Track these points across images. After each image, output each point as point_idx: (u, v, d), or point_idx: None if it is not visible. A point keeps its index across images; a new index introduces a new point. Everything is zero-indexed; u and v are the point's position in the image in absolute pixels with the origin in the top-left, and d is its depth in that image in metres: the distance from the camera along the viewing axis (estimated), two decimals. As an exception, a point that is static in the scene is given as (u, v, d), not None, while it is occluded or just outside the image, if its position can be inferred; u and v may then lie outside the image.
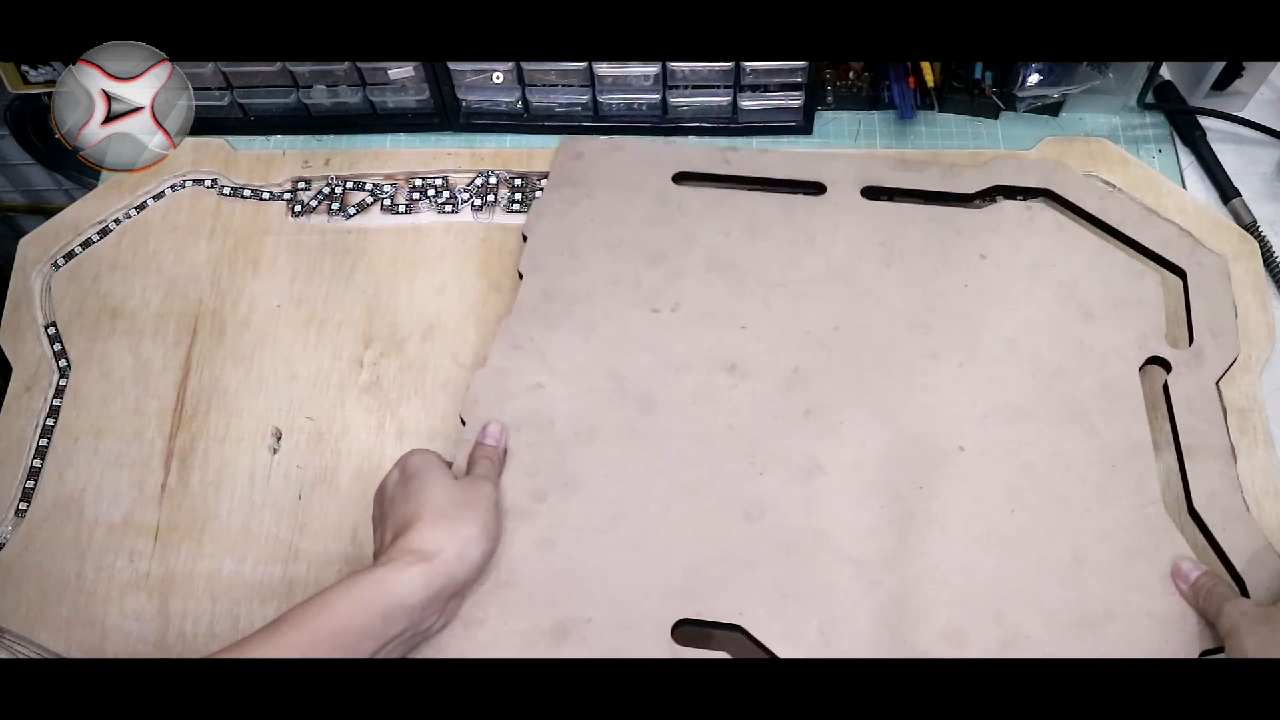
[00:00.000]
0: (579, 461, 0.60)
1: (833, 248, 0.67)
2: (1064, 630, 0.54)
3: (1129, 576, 0.55)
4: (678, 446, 0.60)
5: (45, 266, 0.72)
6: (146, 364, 0.68)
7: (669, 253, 0.67)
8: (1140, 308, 0.64)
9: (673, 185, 0.71)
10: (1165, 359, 0.62)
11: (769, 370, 0.62)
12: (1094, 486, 0.58)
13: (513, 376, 0.63)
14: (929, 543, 0.57)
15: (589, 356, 0.63)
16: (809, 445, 0.60)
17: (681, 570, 0.56)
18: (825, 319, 0.64)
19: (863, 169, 0.70)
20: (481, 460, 0.58)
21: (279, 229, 0.73)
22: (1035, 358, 0.62)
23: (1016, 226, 0.68)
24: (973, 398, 0.61)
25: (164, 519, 0.63)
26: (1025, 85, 0.73)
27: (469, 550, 0.52)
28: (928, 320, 0.64)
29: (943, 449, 0.60)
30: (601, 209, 0.69)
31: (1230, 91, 0.75)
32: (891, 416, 0.61)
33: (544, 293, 0.66)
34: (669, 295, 0.65)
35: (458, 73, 0.73)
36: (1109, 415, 0.60)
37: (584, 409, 0.61)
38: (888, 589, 0.55)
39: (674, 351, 0.63)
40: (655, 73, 0.73)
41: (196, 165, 0.75)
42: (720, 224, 0.68)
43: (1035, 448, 0.59)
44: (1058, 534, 0.57)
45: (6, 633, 0.60)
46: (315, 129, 0.77)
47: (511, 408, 0.62)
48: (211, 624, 0.60)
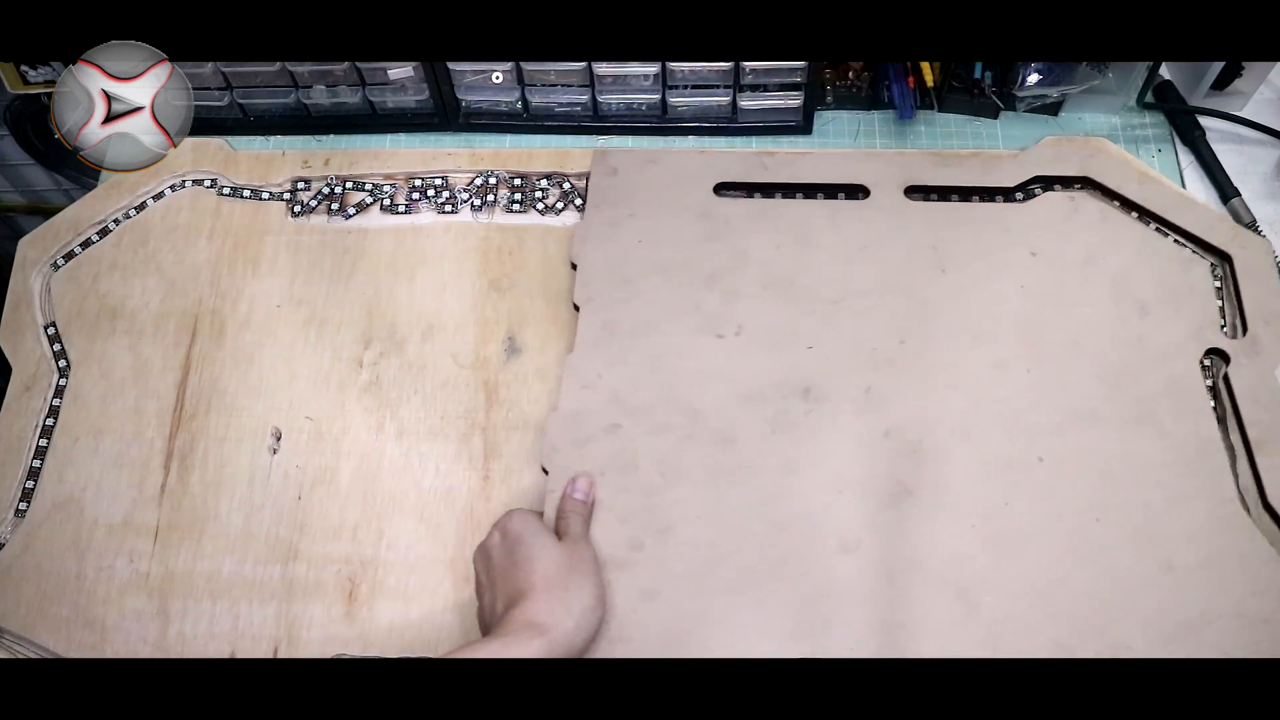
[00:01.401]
0: (669, 505, 0.59)
1: (885, 256, 0.67)
2: (1164, 638, 0.55)
3: (1217, 579, 0.56)
4: (764, 481, 0.60)
5: (45, 266, 0.72)
6: (146, 364, 0.68)
7: (723, 273, 0.67)
8: (1193, 297, 0.65)
9: (714, 197, 0.70)
10: (1223, 350, 0.63)
11: (842, 392, 0.62)
12: (1172, 489, 0.59)
13: (587, 419, 0.62)
14: (1024, 560, 0.57)
15: (659, 391, 0.63)
16: (893, 469, 0.60)
17: (787, 610, 0.56)
18: (889, 334, 0.64)
19: (902, 168, 0.70)
20: (572, 516, 0.58)
21: (279, 229, 0.73)
22: (1099, 360, 0.63)
23: (1062, 220, 0.68)
24: (1044, 406, 0.62)
25: (164, 519, 0.63)
26: (1025, 85, 0.73)
27: (586, 620, 0.52)
28: (990, 328, 0.64)
29: (1022, 462, 0.60)
30: (647, 230, 0.69)
31: (1230, 91, 0.75)
32: (968, 433, 0.61)
33: (604, 325, 0.65)
34: (730, 319, 0.65)
35: (457, 73, 0.73)
36: (1177, 415, 0.61)
37: (665, 449, 0.61)
38: (990, 610, 0.56)
39: (744, 379, 0.63)
40: (655, 73, 0.73)
41: (196, 165, 0.75)
42: (769, 238, 0.68)
43: (1110, 454, 0.60)
44: (1144, 541, 0.57)
45: (6, 633, 0.60)
46: (315, 129, 0.77)
47: (592, 452, 0.61)
48: (211, 624, 0.60)
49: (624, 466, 0.60)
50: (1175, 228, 0.68)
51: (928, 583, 0.57)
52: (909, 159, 0.71)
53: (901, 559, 0.57)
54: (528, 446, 0.65)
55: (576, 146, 0.76)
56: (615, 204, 0.70)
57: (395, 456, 0.65)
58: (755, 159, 0.72)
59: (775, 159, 0.71)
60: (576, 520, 0.58)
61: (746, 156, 0.72)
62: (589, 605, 0.53)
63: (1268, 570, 0.56)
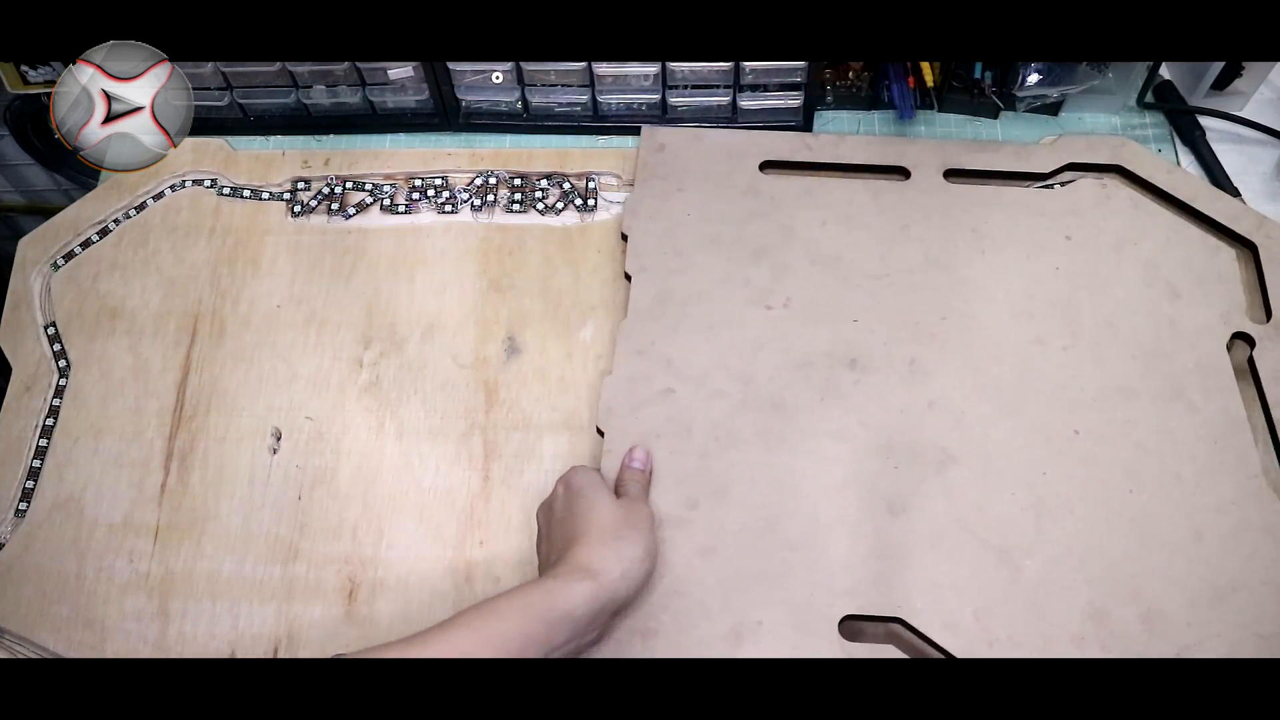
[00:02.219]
0: (724, 467, 0.61)
1: (926, 235, 0.69)
2: (1195, 603, 0.57)
3: (1244, 548, 0.59)
4: (815, 446, 0.62)
5: (45, 266, 0.72)
6: (146, 364, 0.68)
7: (771, 247, 0.69)
8: (1221, 283, 0.67)
9: (760, 175, 0.72)
10: (1249, 334, 0.66)
11: (888, 363, 0.65)
12: (1202, 463, 0.61)
13: (642, 383, 0.64)
14: (1062, 526, 0.60)
15: (712, 358, 0.65)
16: (938, 437, 0.62)
17: (840, 568, 0.58)
18: (932, 309, 0.67)
19: (939, 152, 0.72)
20: (631, 483, 0.60)
21: (279, 229, 0.73)
22: (1132, 339, 0.65)
23: (1094, 206, 0.70)
24: (1081, 382, 0.64)
25: (164, 519, 0.63)
26: (1025, 85, 0.73)
27: (633, 570, 0.54)
28: (1028, 307, 0.67)
29: (1060, 434, 0.62)
30: (696, 204, 0.71)
31: (1230, 91, 0.75)
32: (1008, 405, 0.63)
33: (656, 295, 0.67)
34: (779, 291, 0.67)
35: (457, 73, 0.73)
36: (1207, 393, 0.64)
37: (718, 413, 0.63)
38: (1031, 573, 0.58)
39: (794, 348, 0.65)
40: (655, 73, 0.73)
41: (196, 165, 0.75)
42: (815, 215, 0.70)
43: (1144, 428, 0.63)
44: (1176, 511, 0.60)
45: (6, 633, 0.60)
46: (315, 129, 0.77)
47: (646, 415, 0.63)
48: (211, 624, 0.60)
49: (679, 431, 0.62)
50: (1202, 217, 0.70)
51: (972, 545, 0.59)
52: (947, 145, 0.73)
53: (948, 522, 0.60)
54: (528, 446, 0.65)
55: (576, 146, 0.76)
56: (664, 178, 0.72)
57: (395, 456, 0.65)
58: (799, 140, 0.74)
59: (819, 140, 0.74)
60: (635, 486, 0.59)
61: (790, 137, 0.74)
62: (638, 556, 0.54)
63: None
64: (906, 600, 0.57)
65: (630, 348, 0.65)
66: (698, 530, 0.60)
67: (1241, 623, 0.56)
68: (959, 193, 0.71)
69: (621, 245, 0.70)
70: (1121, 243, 0.69)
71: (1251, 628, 0.56)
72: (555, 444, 0.65)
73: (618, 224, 0.72)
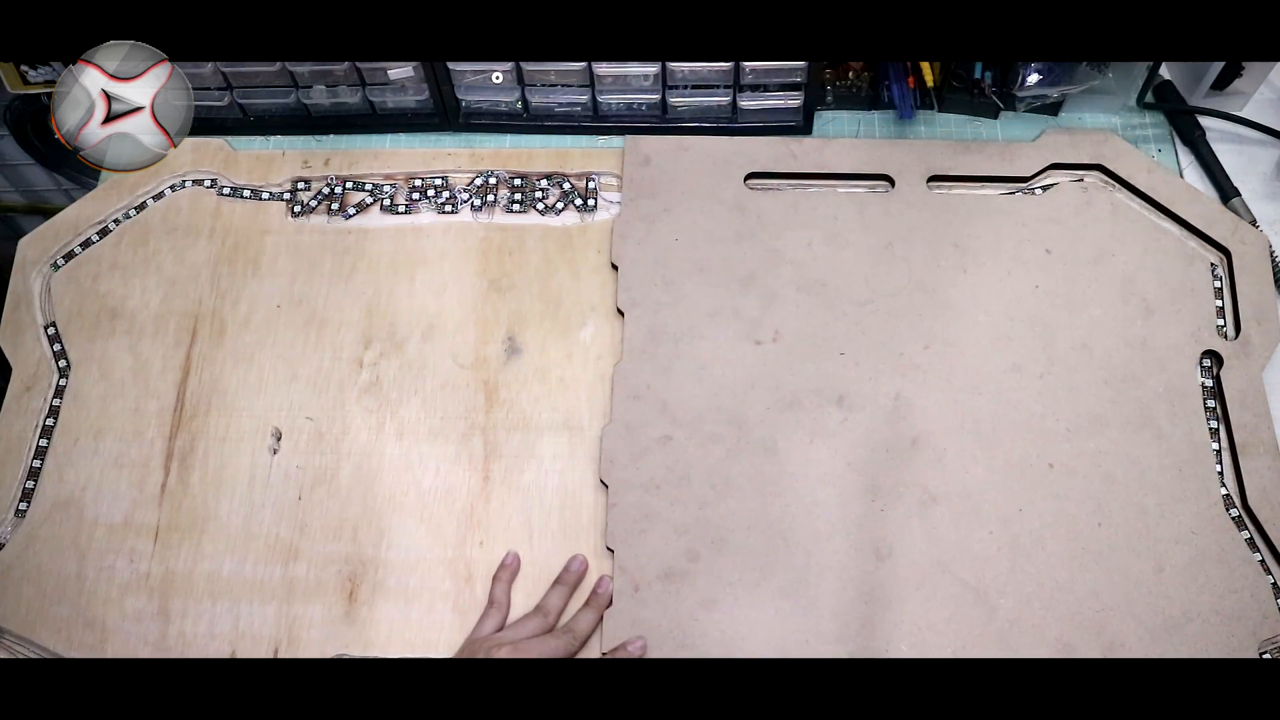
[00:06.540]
0: (721, 517, 0.62)
1: (910, 254, 0.69)
2: (1153, 635, 0.58)
3: (1200, 578, 0.60)
4: (806, 490, 0.63)
5: (45, 267, 0.72)
6: (146, 364, 0.68)
7: (758, 273, 0.69)
8: (1193, 297, 0.67)
9: (745, 189, 0.72)
10: (1218, 352, 0.65)
11: (873, 399, 0.65)
12: (1166, 492, 0.62)
13: (640, 431, 0.64)
14: (1035, 564, 0.61)
15: (706, 401, 0.65)
16: (920, 476, 0.63)
17: (828, 614, 0.60)
18: (915, 337, 0.67)
19: (924, 156, 0.72)
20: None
21: (279, 229, 0.73)
22: (1106, 362, 0.66)
23: (1074, 214, 0.70)
24: (1056, 411, 0.64)
25: (164, 519, 0.63)
26: (1025, 85, 0.73)
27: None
28: (1007, 330, 0.67)
29: (1035, 467, 0.63)
30: (683, 226, 0.71)
31: (1230, 91, 0.75)
32: (987, 439, 0.64)
33: (649, 332, 0.67)
34: (768, 324, 0.67)
35: (457, 73, 0.73)
36: (1174, 418, 0.64)
37: (714, 461, 0.64)
38: (1005, 612, 0.59)
39: (784, 386, 0.66)
40: (655, 73, 0.73)
41: (196, 165, 0.75)
42: (801, 235, 0.70)
43: (1114, 458, 0.63)
44: (1140, 543, 0.61)
45: (6, 633, 0.60)
46: (315, 129, 0.77)
47: (647, 465, 0.63)
48: (212, 624, 0.60)
49: (678, 480, 0.63)
50: (1180, 220, 0.69)
51: (951, 586, 0.60)
52: (932, 147, 0.73)
53: (929, 565, 0.61)
54: (528, 447, 0.65)
55: (576, 146, 0.76)
56: (651, 196, 0.72)
57: (395, 457, 0.65)
58: (783, 146, 0.73)
59: (803, 145, 0.73)
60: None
61: (775, 143, 0.73)
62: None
63: (1243, 570, 0.60)
64: (891, 643, 0.59)
65: (626, 392, 0.65)
66: (700, 583, 0.60)
67: (1194, 652, 0.58)
68: (942, 202, 0.71)
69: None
70: (1100, 255, 0.69)
71: (1206, 655, 0.57)
72: (555, 444, 0.65)
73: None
